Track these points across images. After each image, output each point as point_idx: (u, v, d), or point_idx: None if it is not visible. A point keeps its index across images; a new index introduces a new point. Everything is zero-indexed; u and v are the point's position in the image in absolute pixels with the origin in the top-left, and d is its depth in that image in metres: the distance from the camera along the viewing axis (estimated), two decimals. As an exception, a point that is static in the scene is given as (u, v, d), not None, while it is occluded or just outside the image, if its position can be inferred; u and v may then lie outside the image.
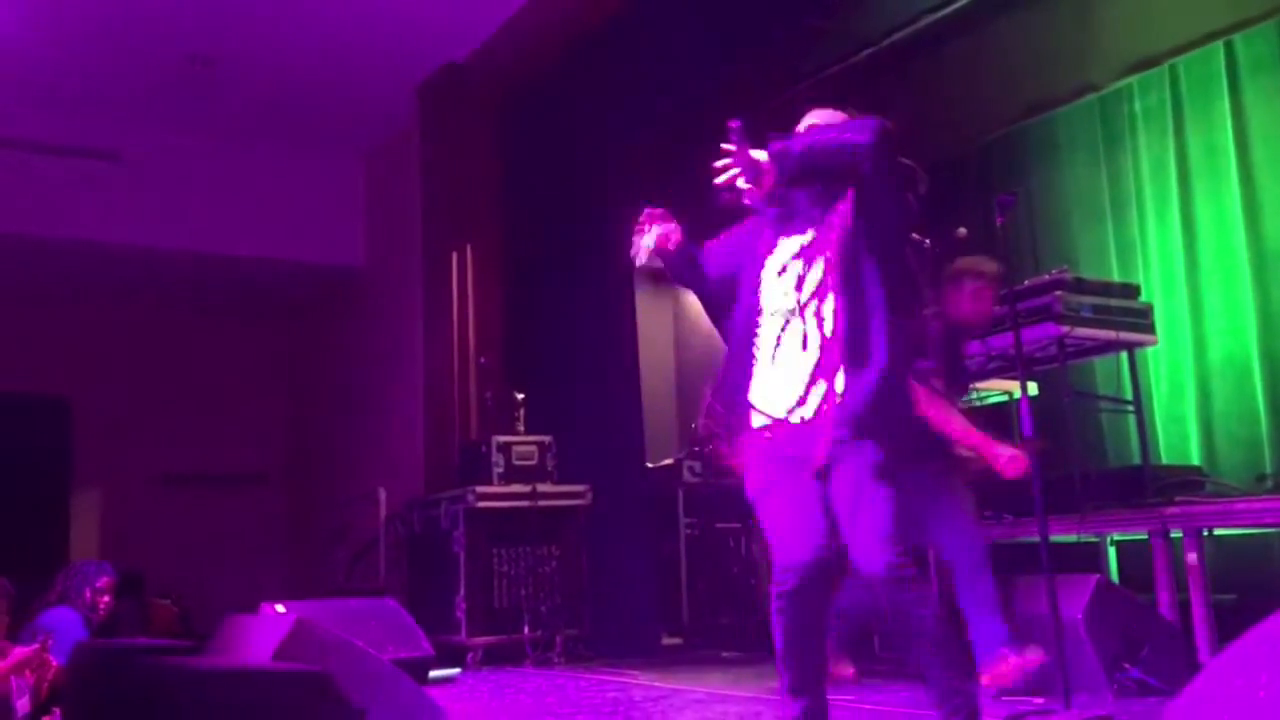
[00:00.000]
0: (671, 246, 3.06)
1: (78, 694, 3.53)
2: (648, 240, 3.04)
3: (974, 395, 5.90)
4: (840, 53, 7.00)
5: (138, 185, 9.01)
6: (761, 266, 3.02)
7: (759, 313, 2.99)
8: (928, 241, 5.19)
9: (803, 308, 2.93)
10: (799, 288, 2.95)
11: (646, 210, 3.10)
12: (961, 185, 6.84)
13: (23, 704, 4.26)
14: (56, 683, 4.31)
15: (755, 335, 2.98)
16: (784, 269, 2.99)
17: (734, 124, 2.93)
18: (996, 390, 6.01)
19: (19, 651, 4.21)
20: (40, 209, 8.51)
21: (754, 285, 3.01)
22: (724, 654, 6.51)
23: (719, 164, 2.98)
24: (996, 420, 6.23)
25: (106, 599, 5.08)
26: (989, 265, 4.51)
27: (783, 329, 2.94)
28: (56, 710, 4.22)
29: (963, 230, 5.20)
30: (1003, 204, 3.96)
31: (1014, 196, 4.20)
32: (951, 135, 6.62)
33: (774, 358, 2.94)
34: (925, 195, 3.41)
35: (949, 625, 2.96)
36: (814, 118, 3.19)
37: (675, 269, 3.14)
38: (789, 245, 3.01)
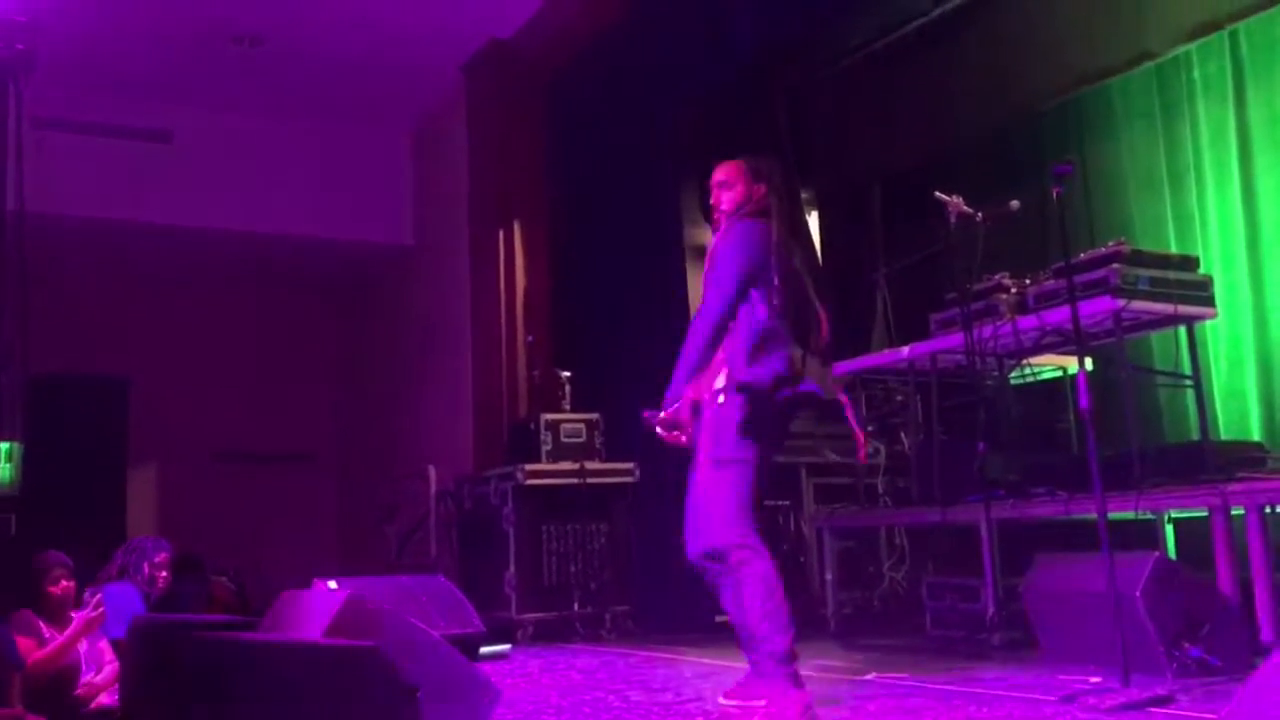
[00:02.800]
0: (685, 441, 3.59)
1: (135, 667, 3.59)
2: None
3: (1027, 371, 5.84)
4: (889, 24, 6.91)
5: (189, 166, 9.12)
6: None
7: None
8: (980, 214, 5.12)
9: None
10: None
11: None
12: (1015, 157, 6.72)
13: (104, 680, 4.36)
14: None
15: None
16: None
17: (646, 415, 3.62)
18: (1050, 366, 5.92)
19: (80, 616, 4.29)
20: (94, 191, 8.64)
21: None
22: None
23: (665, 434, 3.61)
24: (1050, 396, 6.16)
25: (164, 574, 5.16)
26: None
27: None
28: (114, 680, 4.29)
29: (1015, 203, 5.12)
30: (1059, 174, 3.87)
31: (1070, 166, 4.10)
32: (1004, 106, 6.51)
33: None
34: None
35: None
36: (719, 174, 3.75)
37: None
38: None
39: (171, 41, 8.13)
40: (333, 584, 4.77)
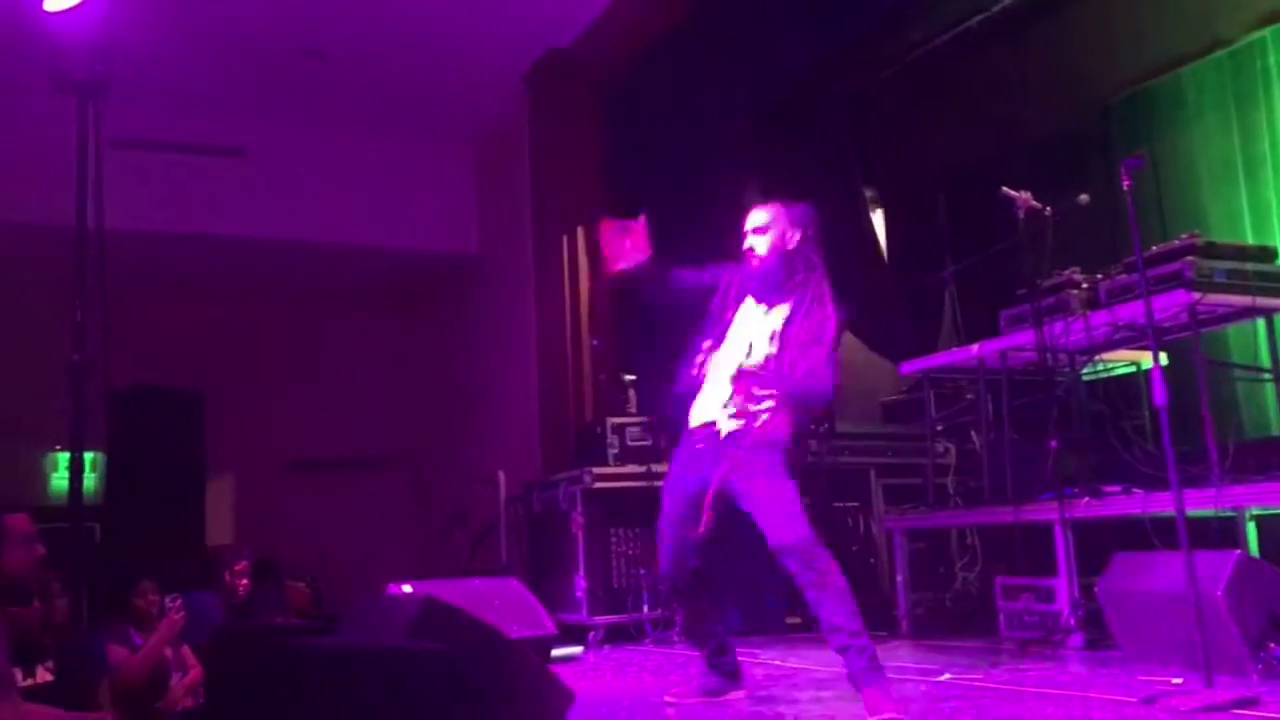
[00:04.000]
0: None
1: (218, 672, 3.67)
2: None
3: (1099, 367, 5.75)
4: (952, 20, 6.85)
5: (261, 180, 9.31)
6: None
7: None
8: (1048, 209, 5.06)
9: None
10: None
11: None
12: (1083, 150, 6.62)
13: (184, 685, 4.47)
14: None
15: None
16: None
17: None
18: (1123, 361, 5.83)
19: (165, 622, 4.41)
20: (170, 207, 8.85)
21: None
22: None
23: None
24: (1123, 392, 6.05)
25: (244, 581, 5.28)
26: None
27: None
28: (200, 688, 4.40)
29: (1084, 197, 5.06)
30: (1129, 167, 3.81)
31: (1141, 160, 4.04)
32: (1071, 99, 6.42)
33: None
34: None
35: None
36: (756, 217, 3.92)
37: None
38: None
39: (243, 58, 8.30)
40: (408, 588, 4.84)
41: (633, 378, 7.29)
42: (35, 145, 7.31)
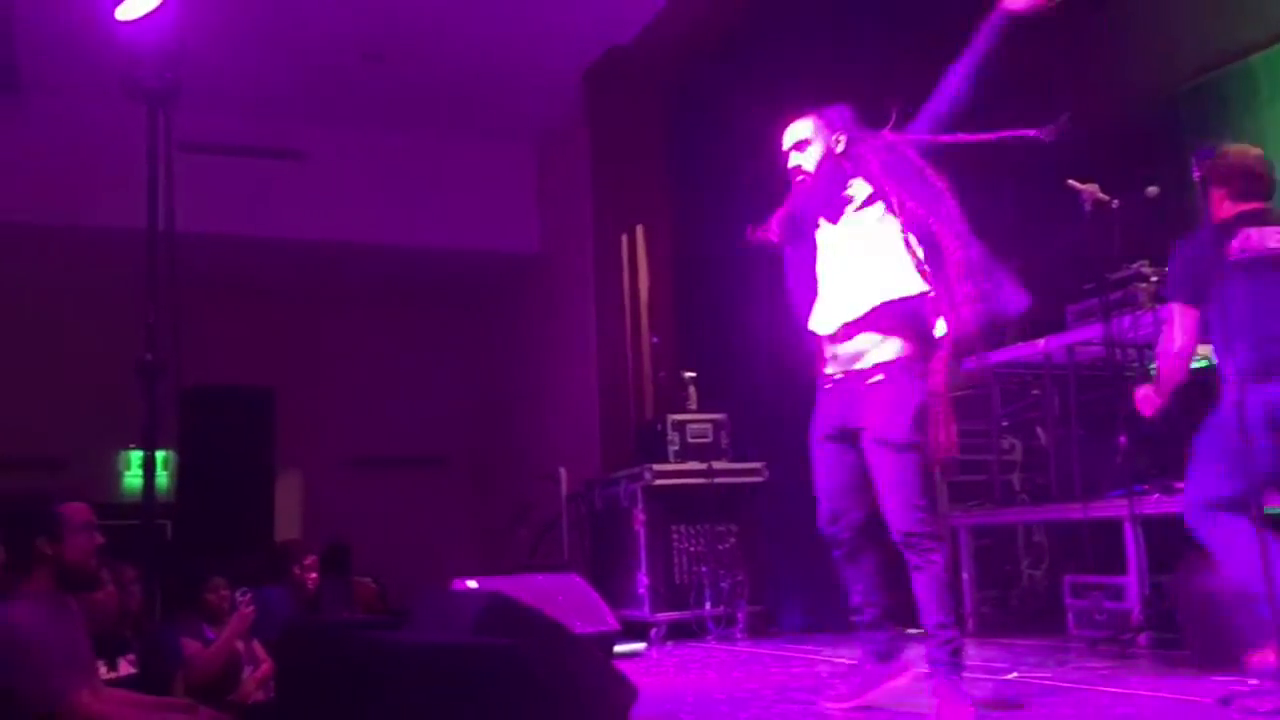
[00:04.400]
0: None
1: (288, 665, 3.74)
2: None
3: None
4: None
5: (323, 182, 9.45)
6: None
7: None
8: (1115, 201, 4.97)
9: None
10: None
11: None
12: (1153, 139, 6.48)
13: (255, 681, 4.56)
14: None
15: None
16: None
17: None
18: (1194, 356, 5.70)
19: (236, 617, 4.51)
20: (236, 210, 9.01)
21: None
22: (910, 630, 6.39)
23: None
24: (1195, 386, 5.92)
25: (313, 576, 5.36)
26: None
27: None
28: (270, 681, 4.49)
29: (1154, 188, 4.96)
30: (1201, 158, 3.73)
31: (1213, 150, 3.95)
32: (1141, 86, 6.29)
33: None
34: None
35: None
36: (794, 133, 3.69)
37: None
38: None
39: (304, 62, 8.43)
40: (473, 583, 4.89)
41: (693, 374, 7.29)
42: (107, 150, 7.50)
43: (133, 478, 10.42)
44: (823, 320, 3.61)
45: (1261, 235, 3.70)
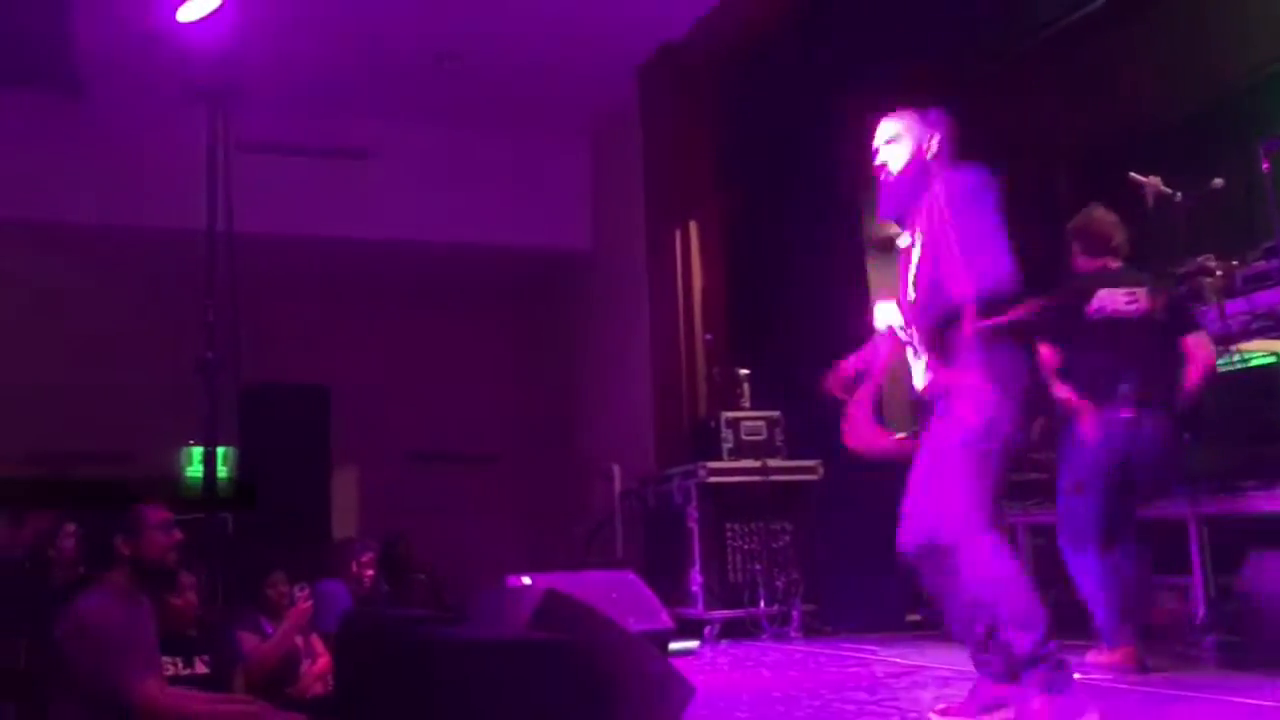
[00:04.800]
0: None
1: (346, 659, 3.77)
2: None
3: (1235, 357, 5.52)
4: (1073, 0, 6.64)
5: (381, 180, 9.53)
6: None
7: None
8: (1179, 194, 4.87)
9: None
10: None
11: None
12: (1218, 132, 6.35)
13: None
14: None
15: None
16: None
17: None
18: (1262, 352, 5.57)
19: (295, 611, 4.56)
20: (295, 209, 9.11)
21: None
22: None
23: None
24: (1261, 384, 5.79)
25: (370, 572, 5.42)
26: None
27: None
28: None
29: (1218, 181, 4.86)
30: (1269, 149, 3.65)
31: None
32: (1205, 79, 6.17)
33: None
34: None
35: None
36: (887, 129, 3.47)
37: None
38: None
39: (361, 61, 8.51)
40: (528, 580, 4.91)
41: (746, 372, 7.26)
42: (168, 151, 7.62)
43: (194, 473, 10.58)
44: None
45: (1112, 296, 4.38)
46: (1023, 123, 7.36)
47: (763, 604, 6.49)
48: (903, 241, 3.51)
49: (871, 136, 3.55)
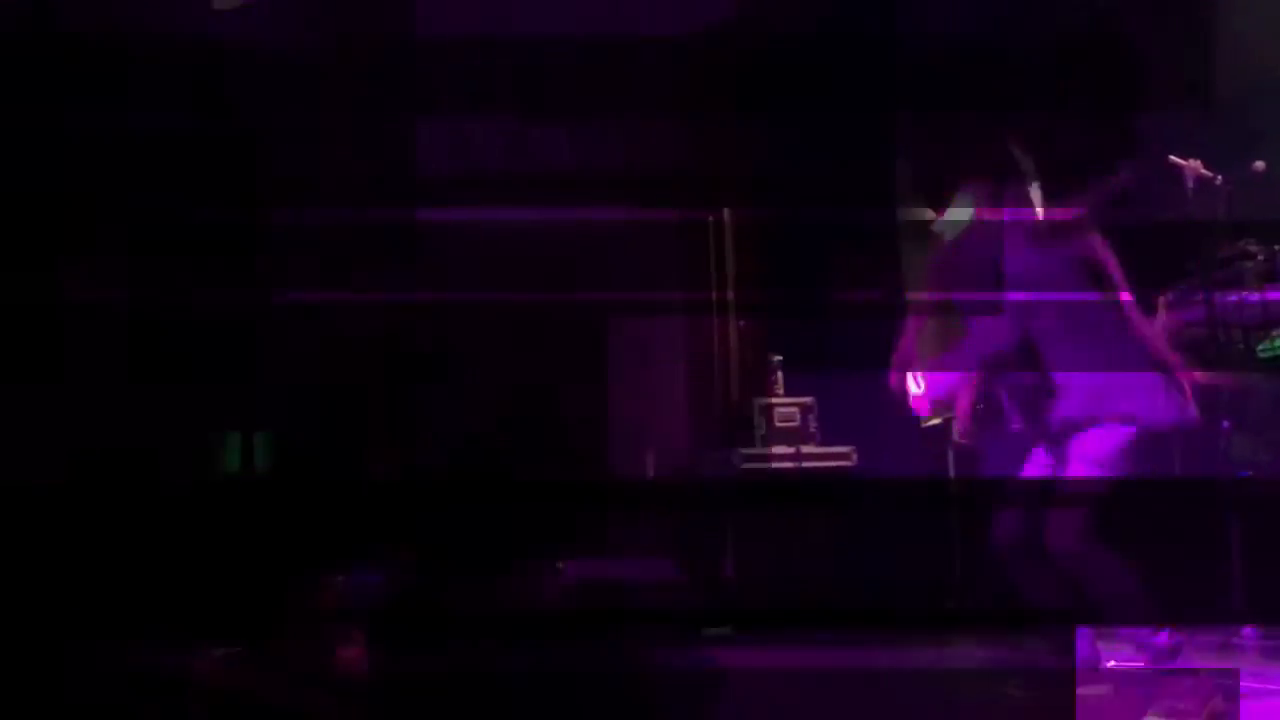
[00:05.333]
0: None
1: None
2: None
3: (1277, 344, 5.46)
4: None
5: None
6: None
7: None
8: (1219, 178, 4.82)
9: None
10: None
11: None
12: (1256, 117, 6.26)
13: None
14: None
15: None
16: None
17: None
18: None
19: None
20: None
21: None
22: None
23: None
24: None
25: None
26: None
27: None
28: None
29: (1260, 164, 4.81)
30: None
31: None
32: (1254, 58, 6.08)
33: None
34: None
35: None
36: None
37: None
38: None
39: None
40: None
41: (779, 358, 7.23)
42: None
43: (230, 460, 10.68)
44: None
45: None
46: (1063, 109, 7.30)
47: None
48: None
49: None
